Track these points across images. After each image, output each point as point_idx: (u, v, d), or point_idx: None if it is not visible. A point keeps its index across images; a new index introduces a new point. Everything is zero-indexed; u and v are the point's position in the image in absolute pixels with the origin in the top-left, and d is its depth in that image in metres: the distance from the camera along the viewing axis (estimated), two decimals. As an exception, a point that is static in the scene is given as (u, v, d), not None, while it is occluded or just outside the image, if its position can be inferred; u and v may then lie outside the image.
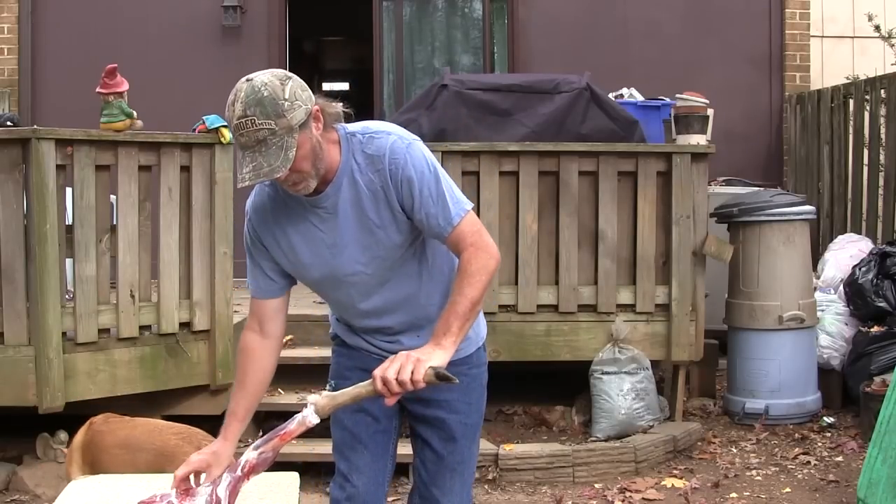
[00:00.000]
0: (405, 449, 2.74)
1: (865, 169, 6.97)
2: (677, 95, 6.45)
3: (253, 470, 2.20)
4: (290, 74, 2.31)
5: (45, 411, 4.52)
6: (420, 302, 2.54)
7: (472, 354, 2.68)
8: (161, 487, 2.33)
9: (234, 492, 2.17)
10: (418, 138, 2.46)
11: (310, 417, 2.22)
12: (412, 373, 2.23)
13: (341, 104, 2.45)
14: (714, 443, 5.37)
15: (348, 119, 2.48)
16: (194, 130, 5.01)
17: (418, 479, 2.70)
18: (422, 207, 2.37)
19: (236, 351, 2.62)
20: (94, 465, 3.57)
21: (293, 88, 2.26)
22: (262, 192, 2.51)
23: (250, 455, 2.20)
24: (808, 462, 5.05)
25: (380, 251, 2.45)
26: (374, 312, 2.55)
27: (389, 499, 4.07)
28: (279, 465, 2.43)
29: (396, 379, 2.22)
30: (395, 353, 2.56)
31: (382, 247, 2.44)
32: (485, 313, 2.84)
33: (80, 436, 3.76)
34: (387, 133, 2.42)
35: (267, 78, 2.26)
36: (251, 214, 2.52)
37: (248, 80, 2.26)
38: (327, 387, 2.70)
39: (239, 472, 2.19)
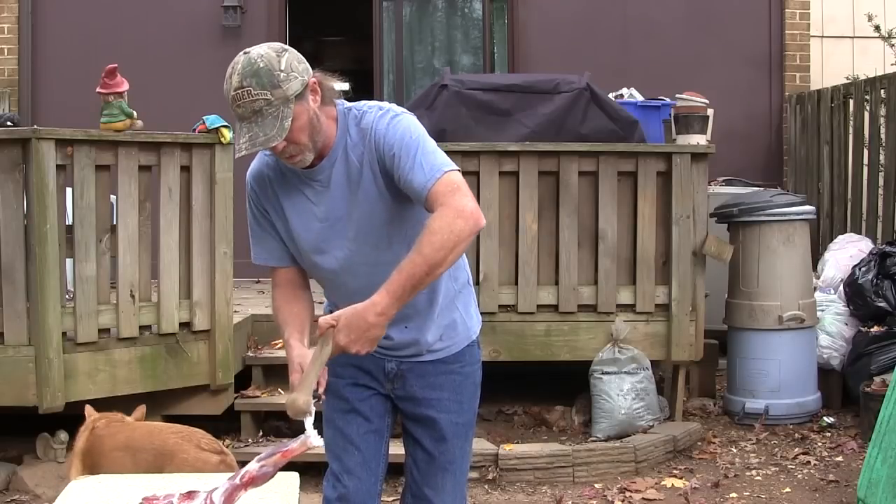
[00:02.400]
0: (400, 448, 2.74)
1: (865, 169, 6.96)
2: (677, 95, 6.44)
3: (252, 482, 2.20)
4: (287, 47, 2.35)
5: (45, 411, 4.52)
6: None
7: (465, 351, 2.65)
8: (162, 487, 2.33)
9: (229, 499, 2.17)
10: (410, 112, 2.45)
11: (312, 439, 2.22)
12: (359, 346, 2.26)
13: (341, 81, 2.49)
14: (714, 443, 5.37)
15: (347, 97, 2.51)
16: (194, 130, 5.01)
17: (410, 479, 2.69)
18: (402, 175, 2.34)
19: (273, 307, 2.59)
20: (95, 468, 3.56)
21: (289, 60, 2.31)
22: (261, 161, 2.54)
23: (252, 466, 2.20)
24: (808, 462, 5.05)
25: (366, 227, 2.44)
26: (359, 297, 2.50)
27: (387, 498, 4.07)
28: (279, 465, 2.43)
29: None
30: (386, 348, 2.56)
31: (369, 223, 2.43)
32: (485, 313, 2.83)
33: (80, 441, 3.74)
34: (378, 107, 2.44)
35: (263, 50, 2.31)
36: (252, 183, 2.55)
37: (245, 53, 2.32)
38: None
39: (238, 481, 2.19)
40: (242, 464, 2.46)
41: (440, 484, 2.65)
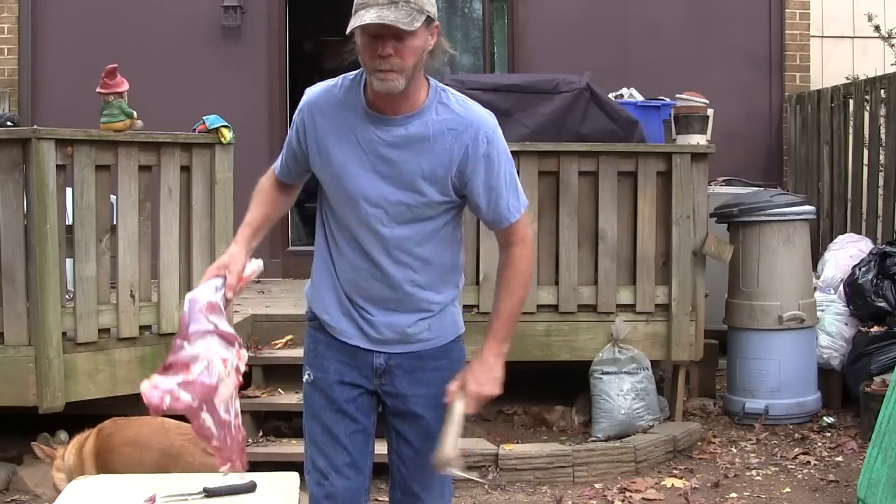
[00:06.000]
0: (384, 447, 2.72)
1: (865, 169, 6.96)
2: (677, 95, 6.44)
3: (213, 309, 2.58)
4: None
5: (45, 411, 4.52)
6: (412, 278, 2.53)
7: (451, 346, 2.67)
8: (162, 487, 2.33)
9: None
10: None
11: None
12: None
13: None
14: (714, 443, 5.38)
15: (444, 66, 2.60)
16: (194, 130, 5.02)
17: (398, 475, 2.69)
18: (493, 189, 2.47)
19: (255, 192, 2.71)
20: (107, 468, 3.51)
21: None
22: (329, 92, 2.52)
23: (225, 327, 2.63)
24: (808, 462, 5.05)
25: (410, 199, 2.45)
26: (366, 268, 2.53)
27: (381, 497, 4.07)
28: (279, 465, 2.43)
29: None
30: (364, 332, 2.59)
31: (415, 196, 2.45)
32: (485, 313, 2.85)
33: (90, 444, 3.70)
34: (481, 107, 2.52)
35: None
36: (307, 108, 2.53)
37: None
38: (304, 377, 2.67)
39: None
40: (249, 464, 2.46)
41: (428, 481, 2.66)
